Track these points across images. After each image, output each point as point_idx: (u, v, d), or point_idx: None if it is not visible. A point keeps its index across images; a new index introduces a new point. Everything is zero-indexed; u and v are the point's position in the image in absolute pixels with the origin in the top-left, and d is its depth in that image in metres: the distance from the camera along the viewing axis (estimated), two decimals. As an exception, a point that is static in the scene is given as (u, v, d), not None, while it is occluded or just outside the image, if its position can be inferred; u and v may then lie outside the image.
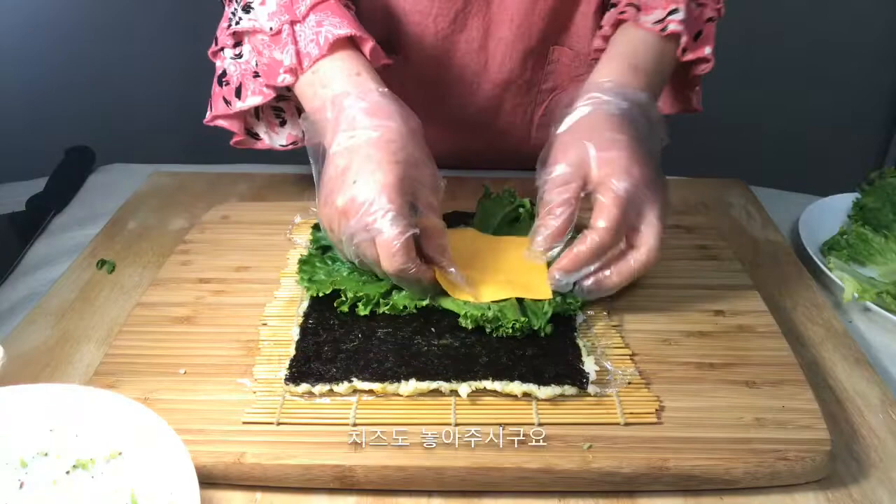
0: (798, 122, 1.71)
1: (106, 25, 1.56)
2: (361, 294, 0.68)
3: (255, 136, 0.85)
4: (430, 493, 0.57)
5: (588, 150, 0.68)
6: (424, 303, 0.69)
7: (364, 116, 0.67)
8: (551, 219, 0.68)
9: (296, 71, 0.73)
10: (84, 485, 0.53)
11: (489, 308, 0.67)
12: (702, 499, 0.57)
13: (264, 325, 0.70)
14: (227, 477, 0.57)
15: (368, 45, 0.74)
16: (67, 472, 0.54)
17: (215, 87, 0.81)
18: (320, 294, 0.69)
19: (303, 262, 0.74)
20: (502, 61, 0.91)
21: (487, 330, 0.66)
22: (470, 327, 0.66)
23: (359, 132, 0.67)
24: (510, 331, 0.65)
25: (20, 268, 0.86)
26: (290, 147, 0.86)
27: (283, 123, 0.85)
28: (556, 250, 0.69)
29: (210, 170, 1.04)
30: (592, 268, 0.68)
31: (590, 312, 0.72)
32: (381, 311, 0.68)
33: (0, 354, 0.59)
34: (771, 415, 0.61)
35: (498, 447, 0.58)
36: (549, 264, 0.70)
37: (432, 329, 0.67)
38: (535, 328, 0.66)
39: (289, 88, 0.76)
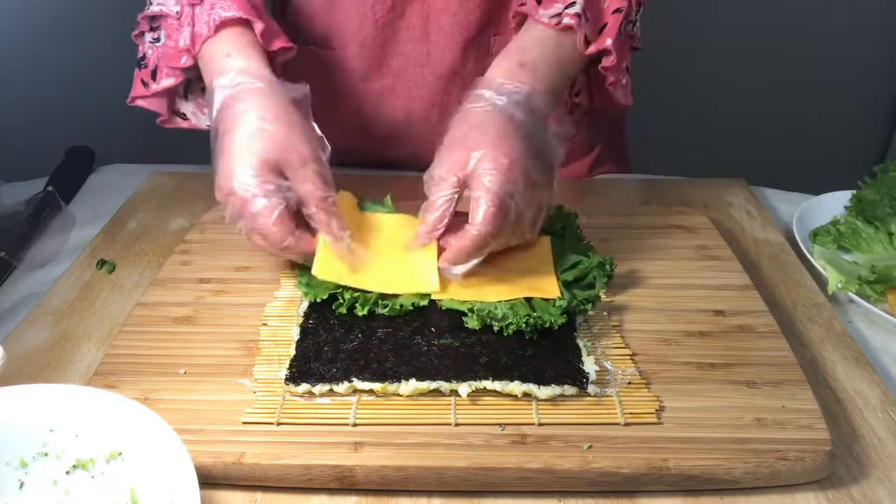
0: (798, 122, 1.71)
1: (106, 25, 1.56)
2: (357, 295, 0.68)
3: (182, 116, 0.86)
4: (430, 493, 0.57)
5: (462, 152, 0.69)
6: (424, 302, 0.69)
7: (225, 103, 0.72)
8: (429, 214, 0.69)
9: (191, 52, 0.76)
10: (84, 485, 0.53)
11: (496, 307, 0.67)
12: (702, 499, 0.57)
13: (264, 325, 0.70)
14: (226, 477, 0.57)
15: (258, 27, 0.76)
16: (67, 472, 0.54)
17: (136, 70, 0.82)
18: (318, 299, 0.69)
19: (301, 265, 0.74)
20: (443, 52, 0.92)
21: (495, 328, 0.66)
22: (477, 327, 0.66)
23: (224, 118, 0.71)
24: (524, 326, 0.65)
25: (20, 268, 0.86)
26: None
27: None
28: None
29: (210, 170, 1.04)
30: (478, 260, 0.69)
31: (590, 313, 0.72)
32: (379, 312, 0.68)
33: (0, 354, 0.59)
34: (771, 415, 0.61)
35: (498, 447, 0.58)
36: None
37: (432, 329, 0.67)
38: (547, 325, 0.65)
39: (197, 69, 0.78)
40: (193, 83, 0.82)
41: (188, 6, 0.76)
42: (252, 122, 0.69)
